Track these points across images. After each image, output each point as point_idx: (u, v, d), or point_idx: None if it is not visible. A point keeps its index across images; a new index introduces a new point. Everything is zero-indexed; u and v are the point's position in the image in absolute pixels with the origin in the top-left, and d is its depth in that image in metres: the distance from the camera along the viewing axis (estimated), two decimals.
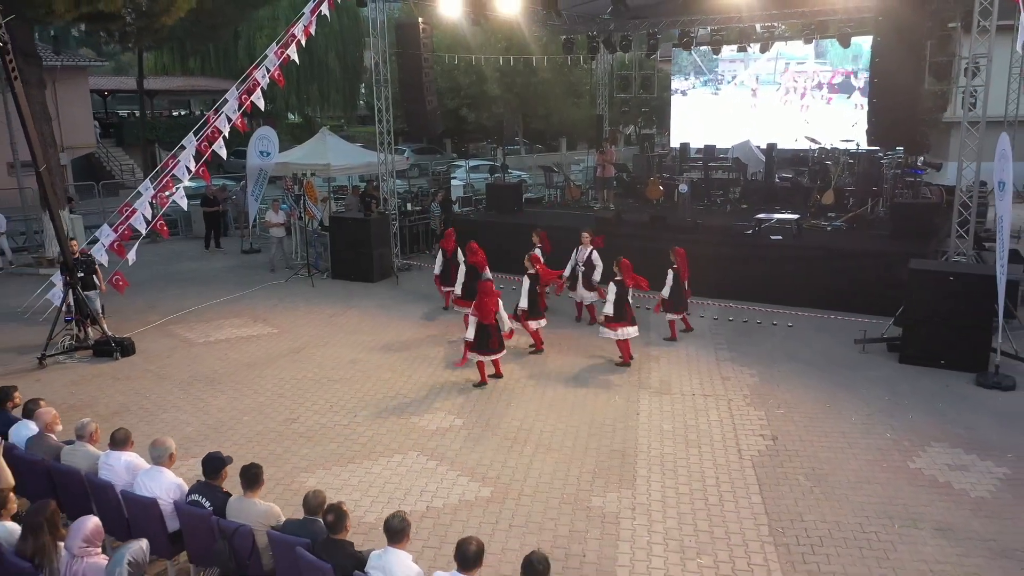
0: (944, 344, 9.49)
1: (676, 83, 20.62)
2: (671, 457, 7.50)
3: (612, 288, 9.89)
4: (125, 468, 5.59)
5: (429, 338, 11.37)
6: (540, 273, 10.51)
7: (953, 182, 11.28)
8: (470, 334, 9.27)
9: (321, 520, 4.78)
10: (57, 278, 12.83)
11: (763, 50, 16.47)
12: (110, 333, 10.94)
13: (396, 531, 4.43)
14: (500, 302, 9.42)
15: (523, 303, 10.36)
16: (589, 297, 11.64)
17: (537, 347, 10.56)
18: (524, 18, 15.02)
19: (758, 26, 16.31)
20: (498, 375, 9.55)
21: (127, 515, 5.48)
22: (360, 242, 14.87)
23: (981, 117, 10.17)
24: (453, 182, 22.77)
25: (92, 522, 4.55)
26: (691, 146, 18.94)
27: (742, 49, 17.52)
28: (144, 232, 12.61)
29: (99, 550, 4.55)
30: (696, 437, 7.92)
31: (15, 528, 4.90)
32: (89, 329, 11.04)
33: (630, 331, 9.89)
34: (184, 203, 13.44)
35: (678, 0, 14.75)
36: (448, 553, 4.65)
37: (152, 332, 11.92)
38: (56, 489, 5.86)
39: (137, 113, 37.42)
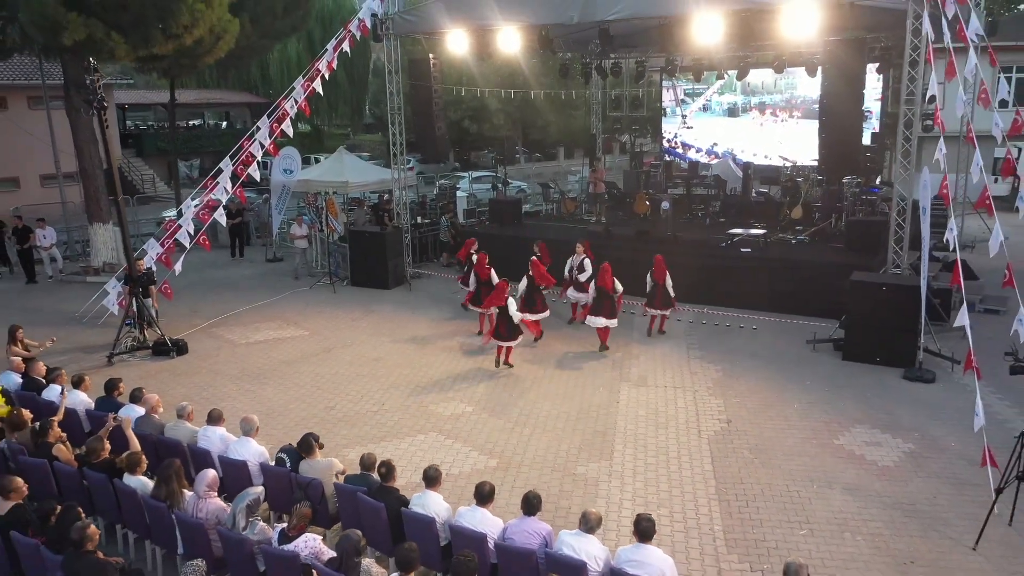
0: (879, 344, 11.22)
1: (666, 100, 22.34)
2: (643, 436, 9.23)
3: (595, 289, 11.86)
4: (220, 439, 7.32)
5: (441, 337, 13.11)
6: (536, 275, 12.29)
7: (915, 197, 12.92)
8: (515, 312, 11.25)
9: (374, 474, 6.51)
10: (111, 286, 14.61)
11: (740, 77, 18.17)
12: (161, 333, 12.70)
13: (432, 478, 6.17)
14: (511, 299, 11.33)
15: (521, 292, 12.28)
16: (584, 299, 13.37)
17: (536, 335, 12.44)
18: (523, 54, 16.71)
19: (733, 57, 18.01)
20: (508, 363, 11.40)
21: (221, 475, 7.20)
22: (376, 253, 16.59)
23: (914, 137, 11.81)
24: (457, 193, 24.48)
25: (212, 473, 6.29)
26: (681, 144, 20.63)
27: (720, 77, 19.24)
28: (188, 246, 14.34)
29: (216, 494, 6.28)
30: (664, 420, 9.66)
31: (148, 481, 6.64)
32: (147, 332, 12.78)
33: (611, 322, 11.81)
34: (223, 220, 15.15)
35: (655, 33, 16.32)
36: (462, 502, 6.37)
37: (199, 334, 13.65)
38: (160, 458, 7.58)
39: (155, 125, 39.28)
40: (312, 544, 5.61)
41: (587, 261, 13.17)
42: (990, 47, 12.05)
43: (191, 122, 43.24)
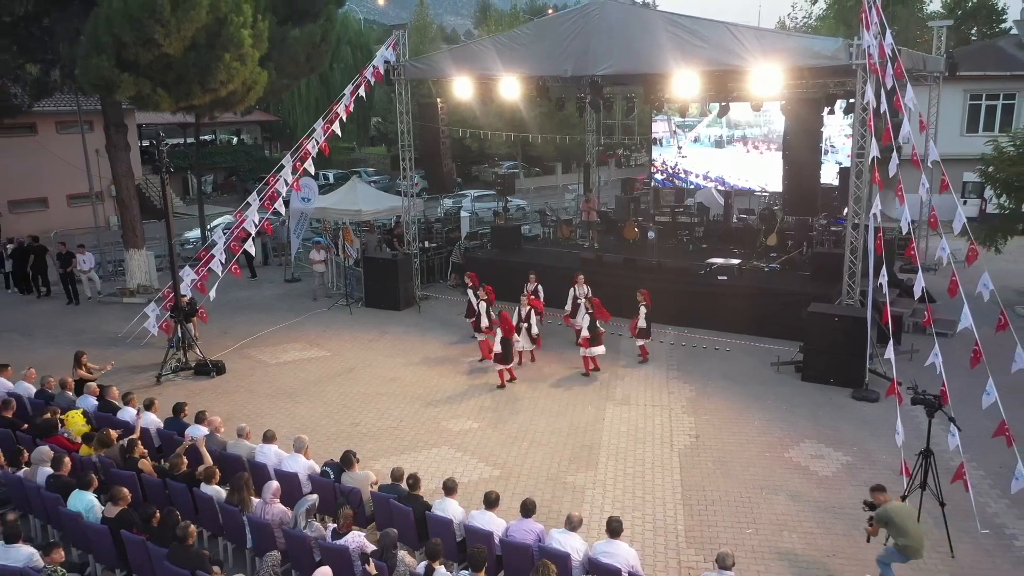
0: (833, 367, 12.87)
1: (661, 131, 23.96)
2: (623, 450, 10.87)
3: (587, 318, 13.41)
4: (274, 455, 8.97)
5: (449, 359, 14.75)
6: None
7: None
8: (497, 348, 12.88)
9: (403, 484, 8.15)
10: (150, 310, 16.17)
11: (721, 115, 19.81)
12: (202, 355, 14.34)
13: (450, 488, 7.82)
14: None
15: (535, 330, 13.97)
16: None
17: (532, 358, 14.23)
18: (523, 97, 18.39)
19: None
20: (512, 378, 13.10)
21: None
22: (388, 277, 18.24)
23: (865, 185, 13.43)
24: (461, 213, 26.14)
25: (276, 484, 7.92)
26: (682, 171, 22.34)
27: (703, 113, 20.88)
28: (221, 274, 15.97)
29: (279, 501, 7.91)
30: (643, 436, 11.30)
31: (221, 490, 8.28)
32: (188, 353, 14.41)
33: (597, 350, 13.43)
34: (253, 250, 16.78)
35: (640, 79, 17.92)
36: (474, 506, 7.99)
37: (232, 354, 15.29)
38: (223, 471, 9.21)
39: (170, 142, 40.81)
40: (357, 539, 7.24)
41: (586, 289, 14.72)
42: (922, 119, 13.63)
43: (203, 137, 44.80)
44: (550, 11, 36.23)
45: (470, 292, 14.88)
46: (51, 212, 28.69)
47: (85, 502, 7.94)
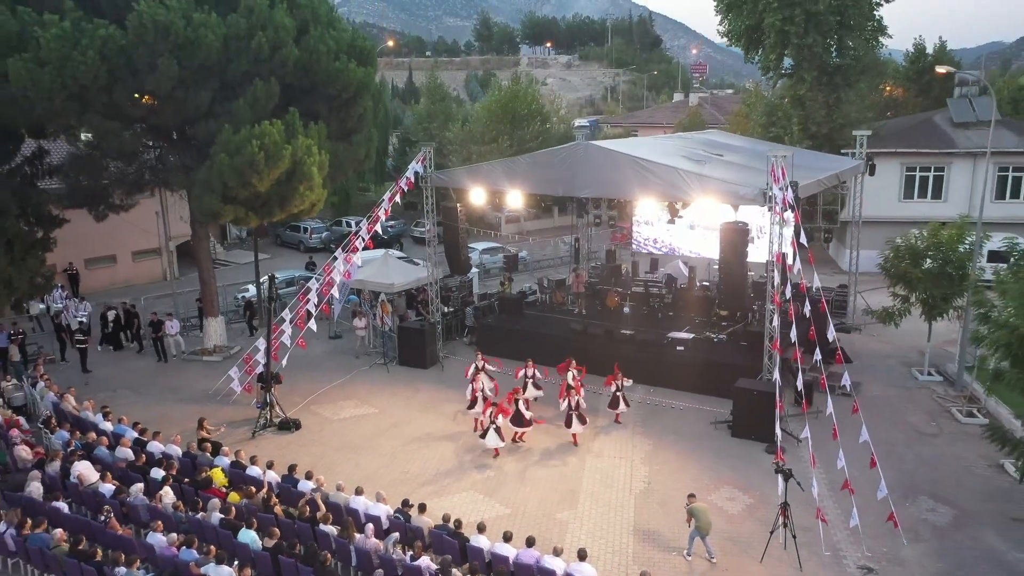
0: (752, 427, 17.52)
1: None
2: (596, 493, 15.53)
3: (566, 405, 17.97)
4: (363, 503, 13.64)
5: (470, 416, 19.38)
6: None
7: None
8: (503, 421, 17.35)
9: (450, 524, 12.82)
10: (234, 372, 20.81)
11: (671, 222, 24.38)
12: (284, 414, 19.00)
13: (481, 528, 12.51)
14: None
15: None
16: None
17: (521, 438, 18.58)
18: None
19: None
20: (522, 439, 17.63)
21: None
22: (417, 341, 22.91)
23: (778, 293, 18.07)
24: (472, 269, 30.74)
25: (371, 526, 12.60)
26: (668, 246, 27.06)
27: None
28: (290, 347, 20.60)
29: (374, 536, 12.57)
30: (610, 482, 15.96)
31: (333, 528, 12.94)
32: (272, 412, 19.06)
33: (579, 428, 17.92)
34: (314, 326, 21.44)
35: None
36: (496, 540, 12.66)
37: (301, 411, 19.95)
38: (328, 515, 13.84)
39: None
40: (426, 562, 11.88)
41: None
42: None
43: None
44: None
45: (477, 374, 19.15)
46: (118, 267, 33.28)
47: (250, 536, 12.60)
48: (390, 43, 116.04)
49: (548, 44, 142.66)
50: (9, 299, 19.14)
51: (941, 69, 24.85)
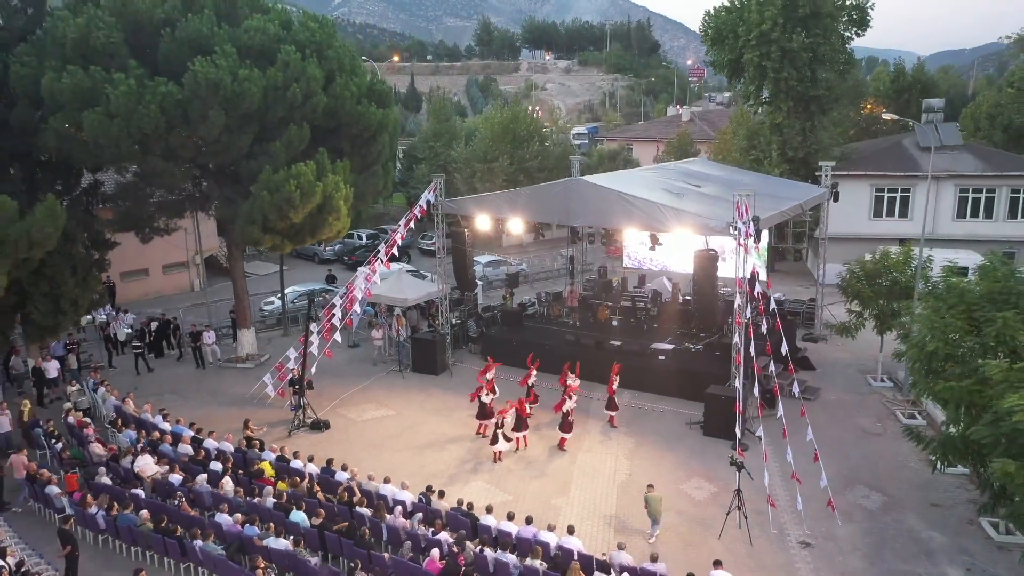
0: (720, 427, 20.32)
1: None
2: (584, 483, 18.35)
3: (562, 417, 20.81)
4: (391, 490, 16.45)
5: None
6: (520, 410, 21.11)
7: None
8: (510, 421, 20.09)
9: (464, 507, 15.64)
10: (267, 379, 23.58)
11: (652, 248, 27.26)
12: (315, 416, 21.81)
13: (489, 510, 15.33)
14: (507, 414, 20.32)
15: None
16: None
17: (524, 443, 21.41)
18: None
19: None
20: (526, 445, 20.44)
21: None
22: (429, 349, 25.72)
23: (743, 315, 20.88)
24: (477, 283, 33.56)
25: (400, 508, 15.42)
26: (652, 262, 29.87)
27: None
28: (318, 356, 23.40)
29: (402, 517, 15.39)
30: (597, 474, 18.77)
31: (368, 510, 15.76)
32: (304, 414, 21.86)
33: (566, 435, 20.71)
34: (339, 338, 24.24)
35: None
36: (501, 519, 15.47)
37: (330, 413, 22.75)
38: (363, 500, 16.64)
39: None
40: (445, 536, 14.69)
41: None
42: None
43: None
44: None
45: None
46: (150, 279, 36.06)
47: (300, 516, 15.42)
48: (395, 58, 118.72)
49: (548, 55, 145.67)
50: (76, 317, 21.89)
51: (887, 116, 27.73)
